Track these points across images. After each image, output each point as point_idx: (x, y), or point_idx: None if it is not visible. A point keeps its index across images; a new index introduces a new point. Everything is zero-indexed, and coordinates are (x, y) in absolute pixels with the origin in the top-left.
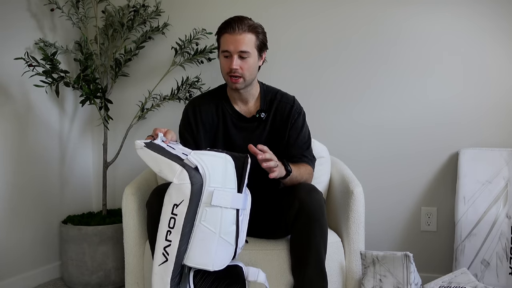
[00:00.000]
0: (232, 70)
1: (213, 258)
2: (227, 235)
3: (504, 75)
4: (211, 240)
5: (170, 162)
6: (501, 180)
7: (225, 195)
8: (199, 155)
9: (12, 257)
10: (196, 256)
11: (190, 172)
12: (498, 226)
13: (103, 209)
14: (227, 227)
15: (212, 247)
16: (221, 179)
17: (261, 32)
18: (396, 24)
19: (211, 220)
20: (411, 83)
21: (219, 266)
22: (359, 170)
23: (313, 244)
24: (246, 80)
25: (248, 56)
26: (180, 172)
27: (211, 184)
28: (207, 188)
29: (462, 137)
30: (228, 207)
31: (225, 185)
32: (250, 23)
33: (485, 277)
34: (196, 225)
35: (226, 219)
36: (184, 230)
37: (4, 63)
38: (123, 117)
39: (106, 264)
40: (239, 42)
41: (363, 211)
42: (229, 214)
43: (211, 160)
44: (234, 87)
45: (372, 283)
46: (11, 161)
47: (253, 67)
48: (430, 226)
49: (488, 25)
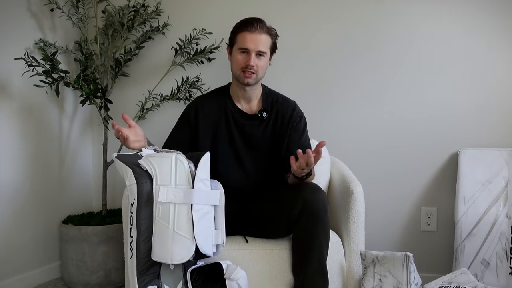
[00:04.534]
0: (249, 66)
1: (171, 252)
2: (182, 230)
3: (504, 76)
4: (166, 235)
5: (126, 167)
6: (501, 180)
7: (174, 191)
8: (149, 158)
9: (13, 257)
10: (157, 251)
11: (136, 174)
12: (498, 226)
13: (103, 209)
14: (182, 223)
15: (168, 241)
16: (171, 177)
17: (275, 35)
18: (395, 26)
19: (164, 216)
20: (411, 84)
21: (178, 260)
22: (359, 170)
23: (316, 243)
24: (258, 77)
25: (264, 56)
26: (130, 174)
27: (159, 182)
28: (155, 186)
29: (462, 137)
30: (179, 202)
31: (176, 182)
32: (268, 26)
33: (485, 277)
34: (154, 221)
35: (179, 215)
36: (139, 226)
37: (4, 63)
38: None
39: (106, 264)
40: (259, 42)
41: (363, 211)
42: (182, 209)
43: (159, 161)
44: (246, 82)
45: (372, 283)
46: (11, 161)
47: (265, 67)
48: (430, 226)
49: (488, 25)
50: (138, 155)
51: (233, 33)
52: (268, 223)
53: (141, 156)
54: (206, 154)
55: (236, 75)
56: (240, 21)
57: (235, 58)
